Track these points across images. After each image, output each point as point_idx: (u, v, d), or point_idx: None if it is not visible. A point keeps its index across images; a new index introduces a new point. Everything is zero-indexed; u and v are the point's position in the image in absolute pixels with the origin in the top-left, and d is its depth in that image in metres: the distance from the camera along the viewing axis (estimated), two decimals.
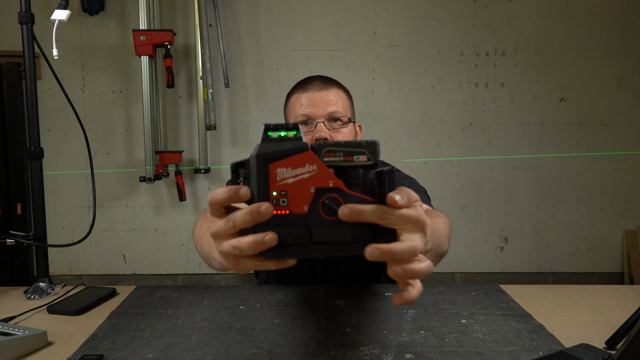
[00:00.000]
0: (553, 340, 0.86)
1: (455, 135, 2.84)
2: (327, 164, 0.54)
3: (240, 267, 0.57)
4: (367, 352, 0.81)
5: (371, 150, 0.54)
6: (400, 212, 0.52)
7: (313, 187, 0.53)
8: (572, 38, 2.79)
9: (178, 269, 2.87)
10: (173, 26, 2.70)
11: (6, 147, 2.68)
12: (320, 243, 0.54)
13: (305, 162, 0.53)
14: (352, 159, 0.54)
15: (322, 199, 0.54)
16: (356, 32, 2.76)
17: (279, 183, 0.53)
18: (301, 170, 0.53)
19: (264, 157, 0.53)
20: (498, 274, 2.92)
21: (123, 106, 2.77)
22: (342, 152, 0.54)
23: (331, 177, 0.54)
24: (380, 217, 0.52)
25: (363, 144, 0.54)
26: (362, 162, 0.54)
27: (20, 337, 0.81)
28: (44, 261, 1.19)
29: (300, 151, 0.53)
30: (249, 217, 0.52)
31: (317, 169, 0.53)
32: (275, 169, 0.53)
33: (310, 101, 1.14)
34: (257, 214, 0.51)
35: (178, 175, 2.67)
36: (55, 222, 2.76)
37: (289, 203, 0.53)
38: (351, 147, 0.54)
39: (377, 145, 0.54)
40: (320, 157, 0.54)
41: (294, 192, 0.53)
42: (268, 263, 0.55)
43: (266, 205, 0.51)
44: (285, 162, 0.53)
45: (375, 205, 0.52)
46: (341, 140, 0.55)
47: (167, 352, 0.81)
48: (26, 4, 1.13)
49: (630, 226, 2.92)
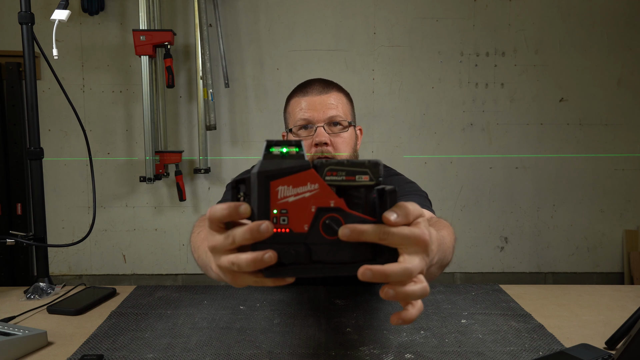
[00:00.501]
0: (553, 340, 0.86)
1: (455, 135, 2.84)
2: (329, 183, 0.54)
3: (237, 282, 0.57)
4: (367, 352, 0.81)
5: (374, 170, 0.54)
6: (401, 231, 0.51)
7: (314, 206, 0.53)
8: (572, 38, 2.79)
9: (178, 269, 2.87)
10: (173, 26, 2.70)
11: (6, 147, 2.68)
12: (319, 262, 0.54)
13: (307, 180, 0.53)
14: (355, 178, 0.54)
15: (322, 218, 0.54)
16: (356, 32, 2.76)
17: (280, 201, 0.53)
18: (302, 189, 0.53)
19: (265, 175, 0.52)
20: (498, 274, 2.92)
21: (123, 106, 2.77)
22: (344, 172, 0.54)
23: (332, 197, 0.54)
24: (380, 238, 0.51)
25: (366, 163, 0.54)
26: (364, 182, 0.54)
27: (20, 337, 0.81)
28: (44, 261, 1.19)
29: (303, 170, 0.53)
30: (249, 235, 0.52)
31: (318, 188, 0.53)
32: (276, 187, 0.53)
33: (310, 105, 1.13)
34: (257, 232, 0.51)
35: (178, 175, 2.68)
36: (55, 222, 2.76)
37: (289, 222, 0.53)
38: (354, 167, 0.54)
39: (380, 166, 0.54)
40: (322, 176, 0.54)
41: (295, 211, 0.53)
42: (266, 280, 0.55)
43: (266, 224, 0.51)
44: (286, 180, 0.53)
45: (375, 225, 0.52)
46: (344, 159, 0.55)
47: (167, 352, 0.81)
48: (26, 4, 1.13)
49: (630, 226, 2.92)
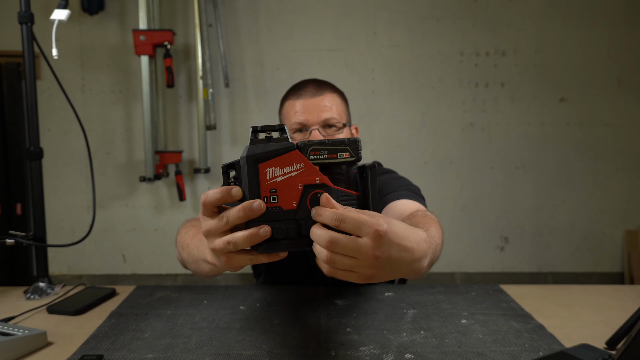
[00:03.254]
0: (553, 340, 0.86)
1: (455, 135, 2.84)
2: (313, 162, 0.58)
3: (232, 263, 0.59)
4: (367, 352, 0.81)
5: (353, 147, 0.58)
6: (356, 217, 0.54)
7: (301, 184, 0.57)
8: (572, 38, 2.79)
9: (178, 269, 2.87)
10: (173, 26, 2.70)
11: (6, 147, 2.68)
12: (308, 237, 0.58)
13: (292, 161, 0.57)
14: (336, 156, 0.58)
15: (309, 195, 0.58)
16: (356, 32, 2.76)
17: (269, 182, 0.57)
18: (289, 169, 0.57)
19: (253, 158, 0.56)
20: (498, 274, 2.92)
21: (123, 106, 2.76)
22: (326, 150, 0.58)
23: (317, 174, 0.58)
24: (336, 225, 0.55)
25: (346, 142, 0.58)
26: (345, 158, 0.58)
27: (20, 337, 0.81)
28: (44, 261, 1.19)
29: (288, 151, 0.57)
30: (243, 214, 0.55)
31: (304, 167, 0.57)
32: (264, 169, 0.57)
33: (304, 108, 1.13)
34: (250, 210, 0.55)
35: (178, 175, 2.67)
36: (55, 222, 2.76)
37: (279, 200, 0.57)
38: (335, 145, 0.58)
39: (359, 143, 0.58)
40: (307, 156, 0.58)
41: (283, 190, 0.57)
42: (261, 257, 0.58)
43: (259, 202, 0.55)
44: (274, 161, 0.57)
45: (333, 211, 0.56)
46: (325, 139, 0.59)
47: (167, 352, 0.81)
48: (26, 3, 1.13)
49: (631, 226, 2.92)
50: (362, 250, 0.54)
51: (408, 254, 0.57)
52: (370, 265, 0.55)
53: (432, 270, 0.69)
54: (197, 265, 0.78)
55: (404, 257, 0.57)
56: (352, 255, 0.54)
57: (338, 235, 0.54)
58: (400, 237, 0.56)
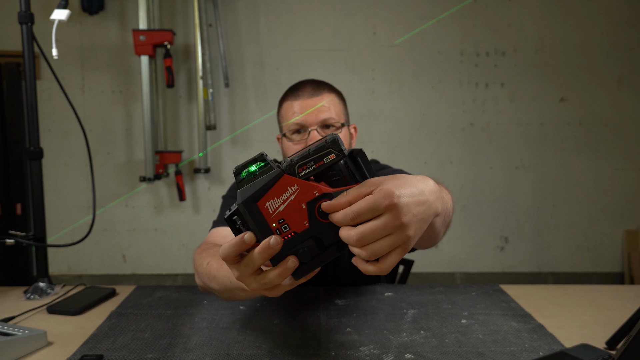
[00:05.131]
0: (553, 340, 0.86)
1: (455, 135, 2.84)
2: (305, 177, 0.58)
3: (275, 293, 0.62)
4: (367, 352, 0.81)
5: (335, 146, 0.58)
6: (355, 208, 0.55)
7: (303, 203, 0.58)
8: (572, 38, 2.79)
9: (178, 269, 2.87)
10: (173, 26, 2.70)
11: (6, 147, 2.68)
12: (331, 245, 0.59)
13: (286, 186, 0.57)
14: (323, 162, 0.58)
15: (315, 208, 0.58)
16: (356, 32, 2.76)
17: (274, 214, 0.57)
18: (286, 195, 0.57)
19: (250, 201, 0.57)
20: (498, 274, 2.92)
21: (123, 106, 2.76)
22: (312, 161, 0.58)
23: (314, 188, 0.58)
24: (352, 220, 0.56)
25: (326, 144, 0.58)
26: (332, 160, 0.58)
27: (20, 337, 0.81)
28: (44, 261, 1.19)
29: (277, 179, 0.57)
30: (264, 254, 0.57)
31: (299, 187, 0.58)
32: (264, 205, 0.57)
33: (302, 109, 1.13)
34: (269, 248, 0.56)
35: (178, 175, 2.67)
36: (55, 222, 2.76)
37: (290, 227, 0.58)
38: (318, 153, 0.58)
39: (338, 139, 0.58)
40: (296, 175, 0.58)
41: (290, 215, 0.58)
42: (298, 281, 0.61)
43: (274, 237, 0.56)
44: (269, 195, 0.57)
45: (343, 212, 0.57)
46: (305, 150, 0.59)
47: (167, 352, 0.81)
48: (26, 3, 1.13)
49: (631, 226, 2.92)
50: (388, 225, 0.55)
51: (423, 197, 0.59)
52: (403, 232, 0.57)
53: (432, 270, 0.69)
54: (231, 293, 0.80)
55: (421, 200, 0.59)
56: (384, 235, 0.56)
57: (361, 228, 0.56)
58: (410, 190, 0.58)
